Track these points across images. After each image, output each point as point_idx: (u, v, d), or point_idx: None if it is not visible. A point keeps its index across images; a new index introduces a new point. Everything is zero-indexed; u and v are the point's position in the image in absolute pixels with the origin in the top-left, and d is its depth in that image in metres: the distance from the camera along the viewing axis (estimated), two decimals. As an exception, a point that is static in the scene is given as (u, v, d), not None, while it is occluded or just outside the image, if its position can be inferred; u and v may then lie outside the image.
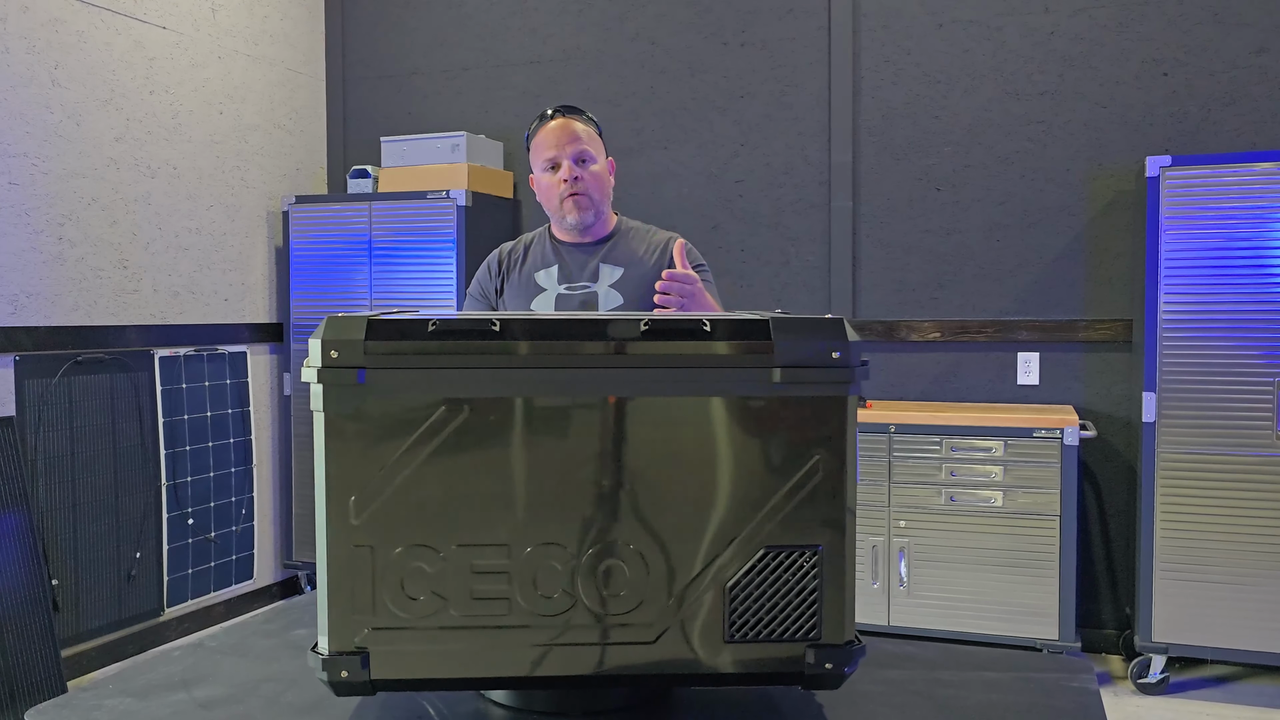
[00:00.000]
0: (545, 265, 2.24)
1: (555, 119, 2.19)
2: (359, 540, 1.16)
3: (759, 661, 1.18)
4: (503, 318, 1.18)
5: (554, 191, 2.18)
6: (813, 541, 1.17)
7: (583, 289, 2.19)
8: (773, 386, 1.17)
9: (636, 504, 1.17)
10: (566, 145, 2.16)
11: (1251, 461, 3.27)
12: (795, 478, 1.17)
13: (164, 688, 1.36)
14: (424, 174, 4.34)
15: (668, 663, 1.17)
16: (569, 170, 2.15)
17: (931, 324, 3.99)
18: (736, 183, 4.26)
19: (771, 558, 1.17)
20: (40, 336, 3.47)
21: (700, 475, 1.18)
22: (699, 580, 1.17)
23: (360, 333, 1.15)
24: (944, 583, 3.53)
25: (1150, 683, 3.43)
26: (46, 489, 3.50)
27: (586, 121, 2.22)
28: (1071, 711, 1.26)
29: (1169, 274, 3.34)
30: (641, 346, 1.16)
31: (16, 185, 3.43)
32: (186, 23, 4.09)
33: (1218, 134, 3.66)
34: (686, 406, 1.17)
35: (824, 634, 1.18)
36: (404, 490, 1.15)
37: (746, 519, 1.17)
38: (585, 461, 1.16)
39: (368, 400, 1.15)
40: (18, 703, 3.09)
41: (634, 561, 1.16)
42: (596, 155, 2.20)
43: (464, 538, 1.16)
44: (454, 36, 4.70)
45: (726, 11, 4.27)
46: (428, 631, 1.17)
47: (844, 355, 1.17)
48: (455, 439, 1.15)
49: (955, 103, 3.96)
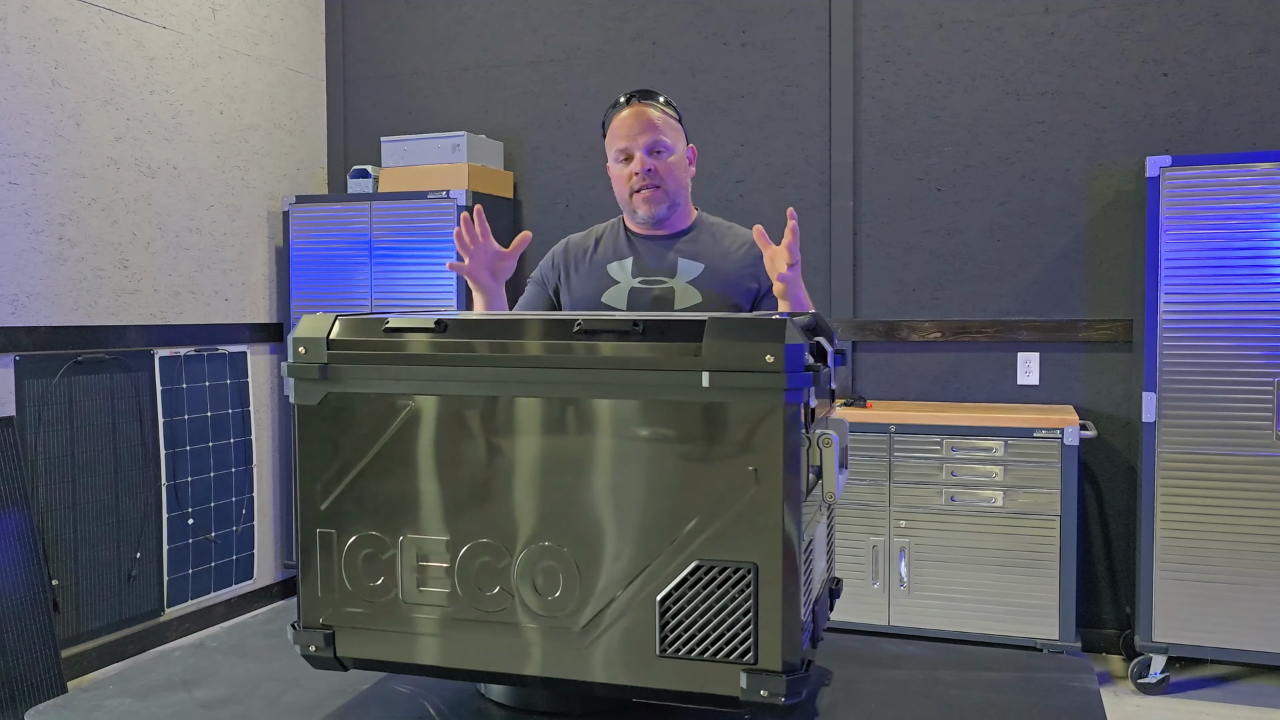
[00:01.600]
0: (619, 257, 2.10)
1: (630, 105, 2.05)
2: (324, 525, 1.23)
3: (693, 680, 1.12)
4: (446, 318, 1.21)
5: (625, 184, 2.06)
6: (746, 559, 1.10)
7: (658, 283, 2.06)
8: (702, 391, 1.11)
9: (570, 506, 1.15)
10: (640, 135, 2.02)
11: (1251, 461, 3.27)
12: (726, 490, 1.11)
13: (164, 688, 1.36)
14: (424, 174, 4.34)
15: (601, 671, 1.15)
16: (641, 162, 2.03)
17: (932, 324, 3.99)
18: (737, 183, 4.26)
19: (704, 572, 1.11)
20: (40, 336, 3.47)
21: (631, 481, 1.14)
22: (631, 590, 1.13)
23: (325, 331, 1.24)
24: (944, 582, 3.53)
25: (1150, 683, 3.43)
26: (46, 489, 3.50)
27: (664, 107, 2.08)
28: (1071, 711, 1.26)
29: (1169, 274, 3.34)
30: (575, 347, 1.15)
31: (16, 185, 3.43)
32: (187, 22, 4.09)
33: (1218, 134, 3.66)
34: (618, 409, 1.14)
35: (760, 659, 1.10)
36: (360, 480, 1.22)
37: (676, 530, 1.12)
38: (521, 461, 1.17)
39: (329, 394, 1.23)
40: (18, 703, 3.09)
41: (568, 565, 1.15)
42: (674, 144, 2.06)
43: (411, 530, 1.21)
44: (454, 36, 4.70)
45: (727, 12, 4.27)
46: (382, 616, 1.22)
47: (779, 359, 1.08)
48: (403, 434, 1.21)
49: (955, 103, 3.96)
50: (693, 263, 2.07)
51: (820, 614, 1.27)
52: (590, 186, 4.44)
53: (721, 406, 1.10)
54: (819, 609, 1.26)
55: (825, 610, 1.31)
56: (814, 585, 1.22)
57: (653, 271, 2.07)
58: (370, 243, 4.26)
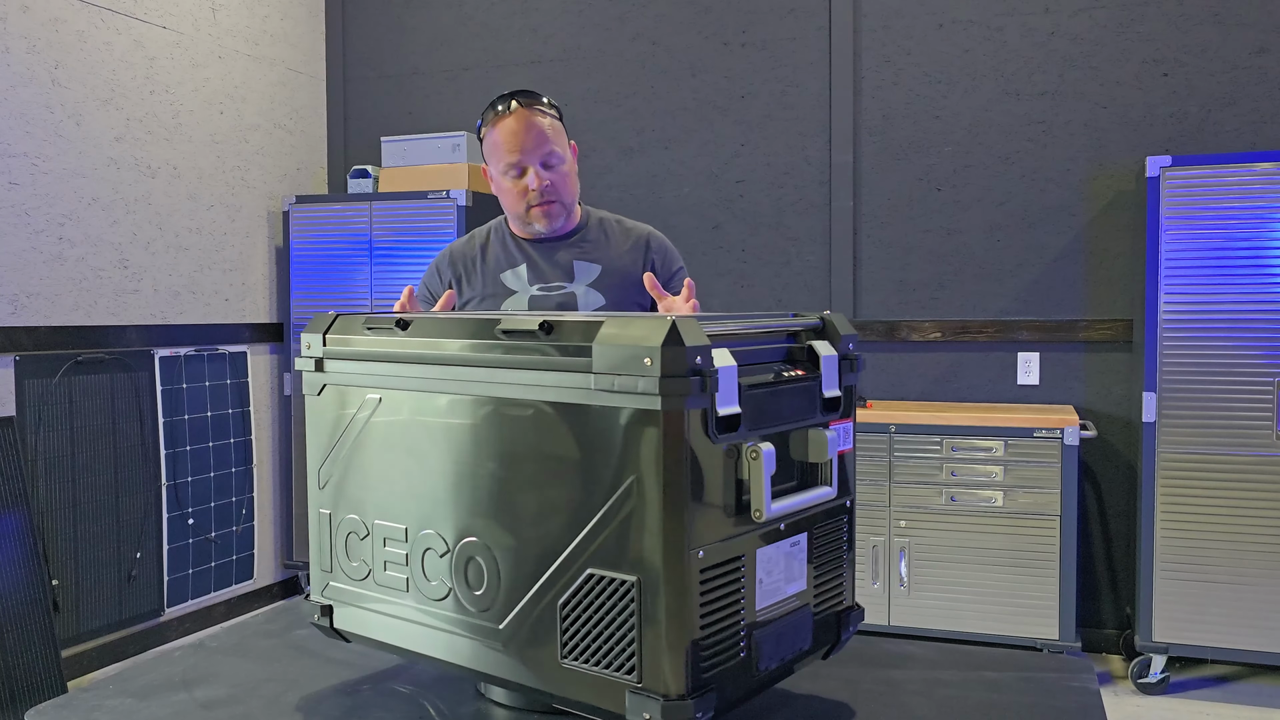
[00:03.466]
0: (511, 265, 2.02)
1: (514, 112, 1.92)
2: (323, 506, 1.34)
3: (587, 692, 1.10)
4: (410, 317, 1.27)
5: (519, 199, 1.96)
6: (628, 574, 1.05)
7: (558, 289, 1.98)
8: (591, 394, 1.07)
9: (491, 504, 1.17)
10: (533, 150, 1.92)
11: (1251, 461, 3.27)
12: (610, 501, 1.07)
13: (164, 688, 1.36)
14: (424, 174, 4.34)
15: (513, 670, 1.16)
16: (539, 178, 1.93)
17: (932, 324, 3.99)
18: (737, 183, 4.26)
19: (595, 583, 1.08)
20: (40, 336, 3.47)
21: (536, 484, 1.13)
22: (538, 593, 1.13)
23: (324, 327, 1.34)
24: (944, 582, 3.53)
25: (1150, 682, 3.43)
26: (46, 489, 3.50)
27: (549, 110, 1.96)
28: (1071, 711, 1.26)
29: (1169, 274, 3.34)
30: (494, 346, 1.16)
31: (16, 185, 3.43)
32: (187, 22, 4.09)
33: (1218, 134, 3.66)
34: (524, 410, 1.14)
35: (644, 680, 1.04)
36: (344, 467, 1.32)
37: (569, 537, 1.10)
38: (453, 457, 1.21)
39: (325, 386, 1.34)
40: (18, 703, 3.09)
41: (490, 561, 1.17)
42: (564, 152, 1.97)
43: (379, 516, 1.28)
44: (454, 36, 4.70)
45: (727, 12, 4.27)
46: (362, 595, 1.31)
47: (656, 362, 1.01)
48: (371, 424, 1.29)
49: (955, 103, 3.96)
50: (588, 264, 2.01)
51: (769, 642, 1.14)
52: (589, 186, 4.44)
53: (611, 412, 1.06)
54: (766, 636, 1.14)
55: (790, 638, 1.18)
56: (742, 609, 1.10)
57: (549, 277, 2.00)
58: (370, 243, 4.26)
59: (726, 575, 1.08)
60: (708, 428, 1.04)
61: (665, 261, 2.05)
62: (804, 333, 1.24)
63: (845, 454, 1.26)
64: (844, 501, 1.27)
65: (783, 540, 1.17)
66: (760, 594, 1.14)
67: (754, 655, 1.12)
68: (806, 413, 1.19)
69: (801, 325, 1.24)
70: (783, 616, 1.17)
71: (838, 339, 1.23)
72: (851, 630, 1.29)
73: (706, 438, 1.05)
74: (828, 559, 1.25)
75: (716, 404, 1.05)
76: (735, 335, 1.15)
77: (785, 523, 1.16)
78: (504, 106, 1.94)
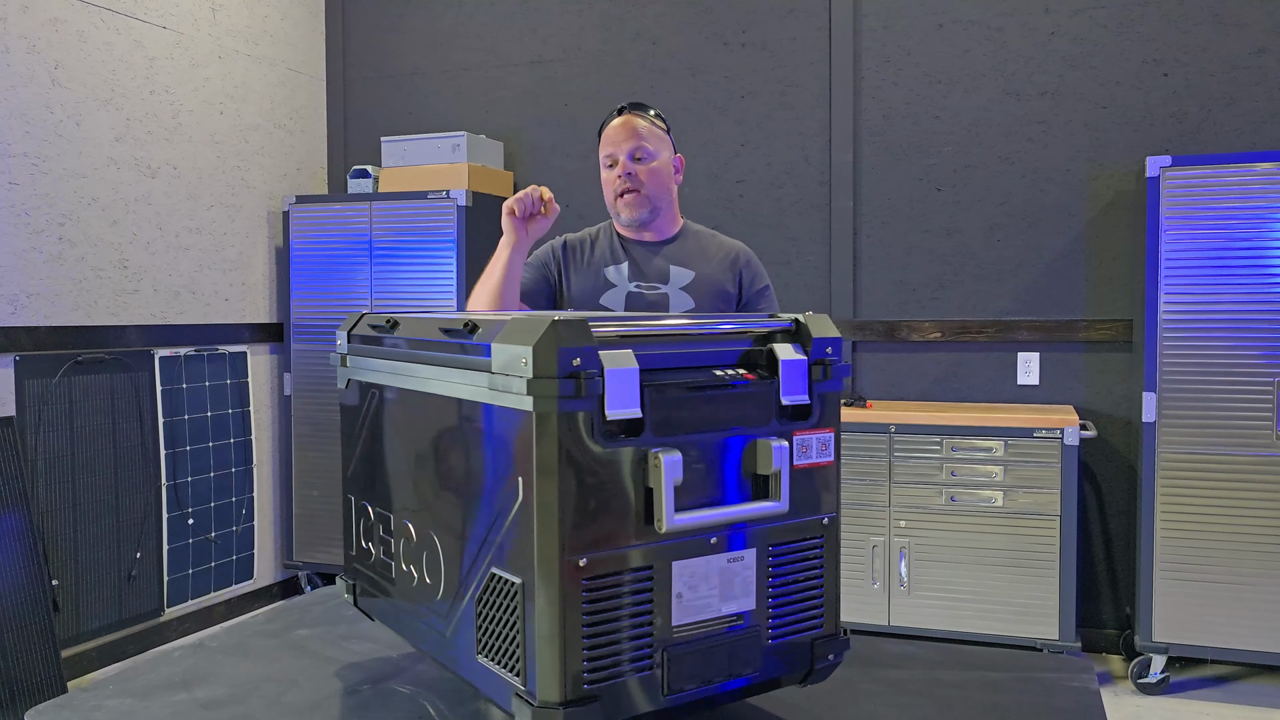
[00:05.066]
0: (615, 261, 2.18)
1: (620, 116, 2.16)
2: (350, 490, 1.44)
3: (495, 689, 1.10)
4: (399, 317, 1.33)
5: (611, 187, 2.16)
6: (516, 576, 1.05)
7: (653, 289, 2.14)
8: (490, 394, 1.07)
9: (438, 499, 1.21)
10: (625, 142, 2.12)
11: (1251, 461, 3.27)
12: (498, 503, 1.08)
13: (164, 688, 1.36)
14: (424, 174, 4.34)
15: (451, 660, 1.20)
16: (624, 166, 2.12)
17: (932, 324, 3.99)
18: (737, 183, 4.26)
19: (496, 582, 1.08)
20: (40, 336, 3.47)
21: (462, 480, 1.14)
22: (462, 587, 1.15)
23: (350, 326, 1.44)
24: (944, 582, 3.53)
25: (1150, 683, 3.43)
26: (46, 489, 3.50)
27: (653, 119, 2.18)
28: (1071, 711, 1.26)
29: (1169, 274, 3.34)
30: (439, 345, 1.20)
31: (16, 185, 3.43)
32: (187, 22, 4.09)
33: (1218, 134, 3.66)
34: (453, 407, 1.17)
35: (526, 683, 1.04)
36: (359, 456, 1.41)
37: (473, 536, 1.12)
38: (412, 451, 1.28)
39: (350, 380, 1.44)
40: (18, 703, 3.09)
41: (434, 555, 1.22)
42: (657, 151, 2.15)
43: (376, 504, 1.37)
44: (454, 36, 4.70)
45: (727, 12, 4.27)
46: (370, 576, 1.39)
47: (530, 363, 1.00)
48: (373, 417, 1.38)
49: (955, 103, 3.96)
50: (683, 269, 2.16)
51: (691, 661, 1.09)
52: (591, 186, 4.44)
53: (504, 411, 1.06)
54: (685, 655, 1.08)
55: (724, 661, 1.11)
56: (650, 623, 1.07)
57: (647, 277, 2.15)
58: (370, 243, 4.26)
59: (621, 586, 1.04)
60: (595, 431, 1.02)
61: (753, 278, 2.20)
62: (778, 334, 1.18)
63: (823, 467, 1.17)
64: (820, 518, 1.18)
65: (715, 555, 1.11)
66: (679, 610, 1.09)
67: (665, 674, 1.07)
68: (755, 420, 1.13)
69: (771, 327, 1.18)
70: (712, 636, 1.11)
71: (809, 342, 1.17)
72: (832, 660, 1.19)
73: (594, 442, 1.02)
74: (793, 580, 1.17)
75: (606, 406, 1.02)
76: (659, 338, 1.11)
77: (717, 535, 1.10)
78: (615, 112, 2.19)
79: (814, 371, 1.16)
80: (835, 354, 1.19)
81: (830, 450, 1.19)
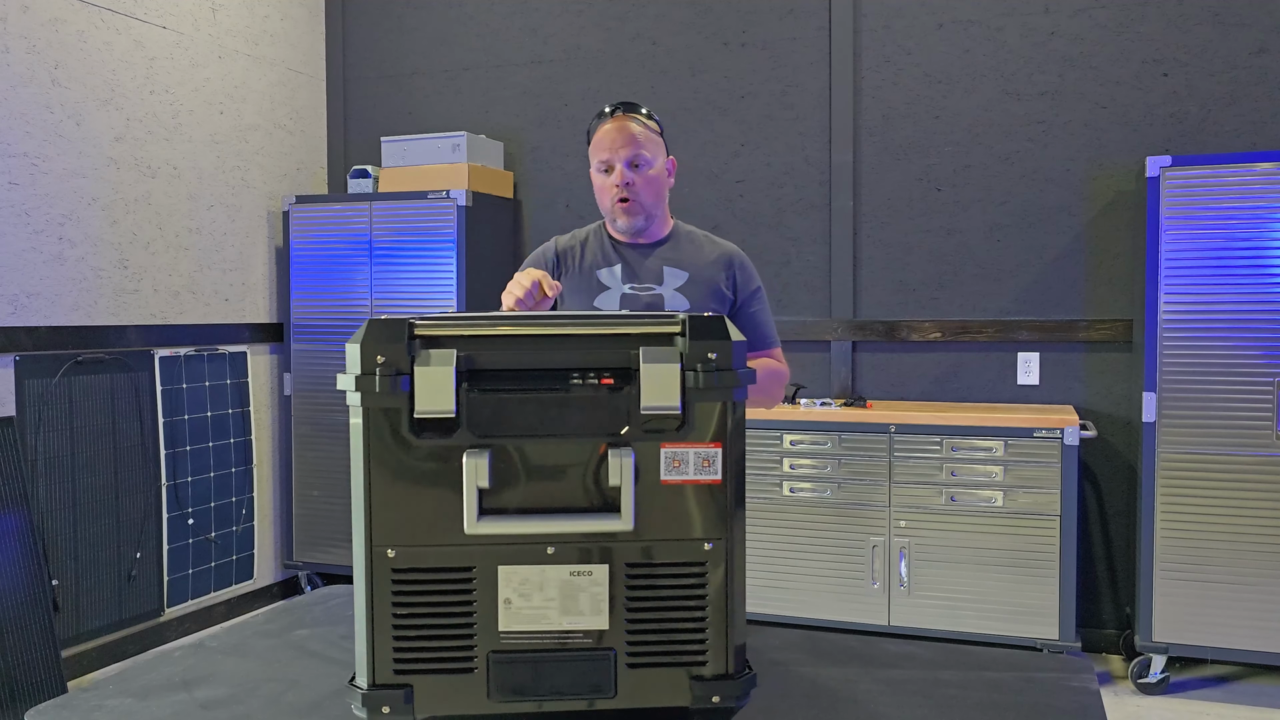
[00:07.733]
0: (608, 264, 2.18)
1: (614, 118, 2.13)
2: None
3: None
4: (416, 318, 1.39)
5: (607, 194, 2.14)
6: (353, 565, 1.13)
7: (648, 290, 2.14)
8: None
9: None
10: (621, 148, 2.10)
11: (1251, 461, 3.27)
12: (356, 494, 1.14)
13: (164, 688, 1.36)
14: (424, 174, 4.34)
15: None
16: (621, 175, 2.10)
17: (932, 324, 3.99)
18: (737, 183, 4.26)
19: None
20: (40, 336, 3.47)
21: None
22: None
23: None
24: (944, 583, 3.53)
25: (1150, 682, 3.43)
26: (46, 489, 3.49)
27: (646, 121, 2.16)
28: (1071, 711, 1.26)
29: (1169, 274, 3.34)
30: None
31: (16, 185, 3.43)
32: (187, 22, 4.09)
33: (1218, 134, 3.66)
34: None
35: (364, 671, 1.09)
36: None
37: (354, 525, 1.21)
38: None
39: None
40: (18, 703, 3.09)
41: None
42: (653, 157, 2.14)
43: None
44: (454, 36, 4.70)
45: (727, 12, 4.26)
46: None
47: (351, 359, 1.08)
48: None
49: (955, 103, 3.96)
50: (677, 270, 2.16)
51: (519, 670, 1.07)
52: (590, 186, 4.44)
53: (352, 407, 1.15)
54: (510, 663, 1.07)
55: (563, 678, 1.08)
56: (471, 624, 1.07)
57: (640, 278, 2.16)
58: (370, 243, 4.26)
59: (434, 583, 1.06)
60: (410, 428, 1.06)
61: (746, 280, 2.20)
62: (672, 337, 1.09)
63: (706, 485, 1.08)
64: (699, 542, 1.08)
65: (553, 565, 1.06)
66: (506, 616, 1.06)
67: (489, 678, 1.06)
68: (607, 429, 1.06)
69: (661, 330, 1.10)
70: (551, 651, 1.07)
71: (690, 347, 1.07)
72: (722, 702, 1.08)
73: (406, 438, 1.05)
74: (658, 606, 1.09)
75: (415, 405, 1.05)
76: (516, 338, 1.09)
77: (556, 546, 1.07)
78: (607, 111, 2.16)
79: (687, 378, 1.06)
80: (727, 359, 1.07)
81: (716, 467, 1.08)
